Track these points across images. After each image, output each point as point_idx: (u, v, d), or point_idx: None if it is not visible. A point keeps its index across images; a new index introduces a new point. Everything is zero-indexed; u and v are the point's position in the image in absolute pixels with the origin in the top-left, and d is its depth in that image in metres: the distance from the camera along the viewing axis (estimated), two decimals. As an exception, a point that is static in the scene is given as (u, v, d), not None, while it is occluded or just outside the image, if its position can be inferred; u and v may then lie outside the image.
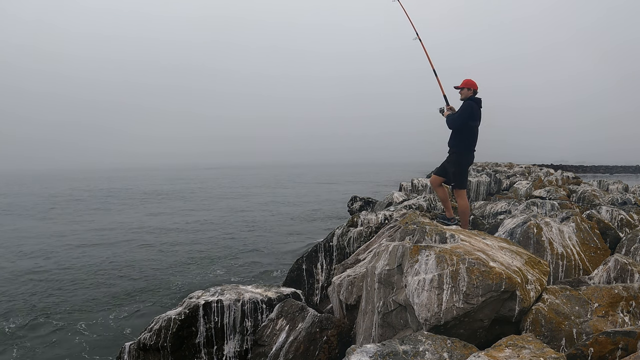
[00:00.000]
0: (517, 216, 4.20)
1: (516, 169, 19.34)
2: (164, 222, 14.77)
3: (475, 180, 10.54)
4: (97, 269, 8.35)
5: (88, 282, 7.47)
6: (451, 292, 2.10)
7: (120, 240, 11.35)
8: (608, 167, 58.18)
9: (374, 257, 2.78)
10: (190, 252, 9.86)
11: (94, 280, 7.57)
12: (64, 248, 10.41)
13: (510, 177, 13.55)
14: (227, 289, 3.40)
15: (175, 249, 10.28)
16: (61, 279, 7.70)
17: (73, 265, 8.70)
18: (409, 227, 3.19)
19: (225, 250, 10.06)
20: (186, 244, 10.83)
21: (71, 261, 9.03)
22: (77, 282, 7.52)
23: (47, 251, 10.07)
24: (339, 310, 3.14)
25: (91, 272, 8.10)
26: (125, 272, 8.07)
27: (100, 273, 8.06)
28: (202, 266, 8.54)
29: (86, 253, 9.82)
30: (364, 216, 5.03)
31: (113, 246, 10.60)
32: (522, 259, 2.47)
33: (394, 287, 2.44)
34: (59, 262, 8.92)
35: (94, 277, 7.77)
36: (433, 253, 2.28)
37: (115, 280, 7.54)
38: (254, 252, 9.72)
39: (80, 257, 9.42)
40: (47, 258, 9.33)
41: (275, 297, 3.34)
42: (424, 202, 6.73)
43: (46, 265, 8.67)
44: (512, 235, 3.65)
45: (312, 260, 4.89)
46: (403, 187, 10.79)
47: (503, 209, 6.22)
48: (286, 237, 11.74)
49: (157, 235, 12.29)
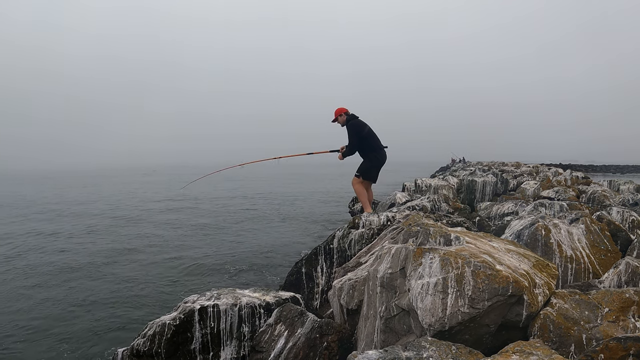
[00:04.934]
0: (525, 217, 4.20)
1: (523, 169, 19.35)
2: (157, 225, 14.78)
3: (481, 181, 10.54)
4: (86, 273, 8.35)
5: (78, 286, 7.47)
6: (456, 297, 2.11)
7: (109, 244, 11.35)
8: (619, 166, 58.20)
9: (376, 260, 2.79)
10: (184, 256, 9.86)
11: (84, 285, 7.57)
12: (50, 249, 10.42)
13: (517, 177, 13.55)
14: (224, 293, 3.41)
15: (169, 252, 10.28)
16: (45, 282, 7.71)
17: (54, 268, 8.70)
18: (412, 229, 3.19)
19: (221, 253, 10.06)
20: (180, 247, 10.84)
21: (53, 264, 9.03)
22: (65, 285, 7.52)
23: (25, 250, 10.07)
24: (340, 315, 3.14)
25: (81, 277, 8.10)
26: (117, 277, 8.07)
27: (90, 277, 8.06)
28: (197, 270, 8.54)
29: (69, 257, 9.82)
30: (366, 217, 5.03)
31: (103, 250, 10.60)
32: (529, 262, 2.47)
33: (396, 291, 2.44)
34: (43, 263, 8.92)
35: (84, 281, 7.77)
36: (437, 256, 2.28)
37: (106, 285, 7.54)
38: (251, 255, 9.72)
39: (64, 260, 9.43)
40: (24, 258, 9.34)
41: (274, 302, 3.35)
42: (427, 202, 6.73)
43: (29, 267, 8.67)
44: (520, 237, 3.65)
45: (311, 264, 4.89)
46: (406, 188, 10.78)
47: (510, 210, 6.23)
48: (285, 240, 11.74)
49: (150, 238, 12.30)
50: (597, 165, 60.12)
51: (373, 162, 6.08)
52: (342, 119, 6.11)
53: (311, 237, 11.94)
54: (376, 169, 6.13)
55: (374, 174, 6.14)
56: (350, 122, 6.02)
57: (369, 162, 6.08)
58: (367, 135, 6.00)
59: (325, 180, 43.95)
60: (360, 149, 6.04)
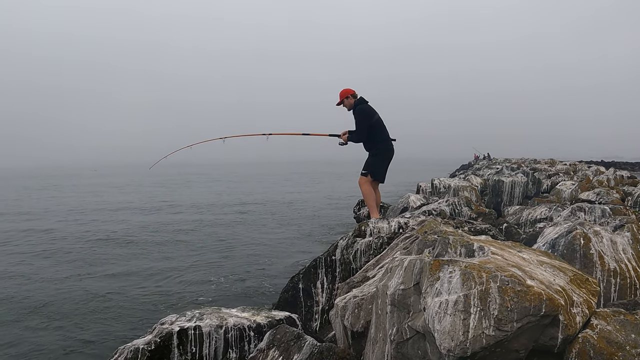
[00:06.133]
0: (560, 224, 4.20)
1: (559, 167, 19.37)
2: (128, 227, 14.80)
3: (509, 181, 10.54)
4: (38, 286, 8.34)
5: (32, 305, 7.43)
6: (480, 317, 2.10)
7: (72, 252, 11.36)
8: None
9: (386, 274, 2.78)
10: (161, 267, 9.87)
11: (40, 302, 7.54)
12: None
13: (551, 177, 13.56)
14: (207, 312, 3.40)
15: (143, 262, 10.28)
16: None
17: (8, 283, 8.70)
18: (428, 238, 3.19)
19: (205, 265, 10.06)
20: (156, 257, 10.84)
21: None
22: (17, 302, 7.50)
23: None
24: (343, 338, 3.14)
25: (37, 292, 8.08)
26: (80, 293, 8.05)
27: (46, 290, 8.05)
28: (177, 285, 8.53)
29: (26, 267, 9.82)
30: (374, 224, 5.03)
31: (64, 259, 10.60)
32: (566, 276, 2.46)
33: (410, 311, 2.44)
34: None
35: (41, 298, 7.74)
36: (458, 269, 2.28)
37: (67, 304, 7.49)
38: (239, 268, 9.72)
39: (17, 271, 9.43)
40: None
41: (266, 323, 3.34)
42: (446, 206, 6.72)
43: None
44: (554, 247, 3.64)
45: (310, 278, 4.89)
46: (421, 189, 10.78)
47: (543, 216, 6.25)
48: (280, 249, 11.75)
49: (118, 244, 12.30)
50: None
51: (382, 154, 6.09)
52: (348, 102, 6.10)
53: (310, 246, 11.95)
54: (385, 165, 6.16)
55: (382, 171, 6.16)
56: (359, 107, 6.02)
57: (377, 157, 6.08)
58: (376, 124, 6.00)
59: (326, 180, 44.01)
60: (368, 138, 6.05)
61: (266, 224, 16.00)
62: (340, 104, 6.16)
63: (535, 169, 17.02)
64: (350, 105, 6.10)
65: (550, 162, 24.87)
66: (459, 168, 45.13)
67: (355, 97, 6.10)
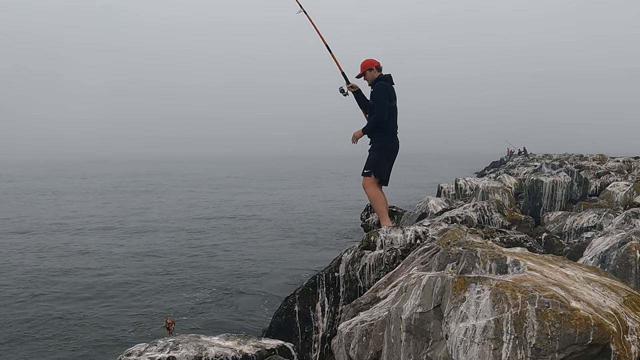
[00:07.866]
0: (612, 233, 4.21)
1: (610, 164, 19.37)
2: (94, 236, 14.80)
3: (550, 181, 10.55)
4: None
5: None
6: (514, 346, 2.10)
7: (18, 267, 11.36)
8: None
9: (400, 295, 2.79)
10: (131, 282, 9.87)
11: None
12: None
13: (601, 176, 13.56)
14: (183, 341, 3.40)
15: (106, 278, 10.27)
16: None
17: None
18: (451, 250, 3.19)
19: (181, 281, 10.06)
20: (125, 272, 10.83)
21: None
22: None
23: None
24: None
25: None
26: (29, 313, 8.05)
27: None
28: (148, 305, 8.54)
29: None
30: (385, 234, 5.03)
31: (10, 275, 10.60)
32: (618, 297, 2.47)
33: (429, 339, 2.44)
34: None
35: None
36: (487, 288, 2.28)
37: (13, 325, 7.50)
38: (224, 285, 9.73)
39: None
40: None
41: (255, 354, 3.35)
42: (473, 212, 6.73)
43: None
44: (604, 261, 3.65)
45: (308, 299, 4.89)
46: (443, 191, 10.79)
47: (591, 223, 6.25)
48: (273, 262, 11.75)
49: (72, 255, 12.28)
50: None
51: (385, 149, 6.00)
52: (371, 75, 5.96)
53: (307, 261, 11.95)
54: (389, 164, 6.06)
55: (387, 168, 6.04)
56: (380, 82, 5.89)
57: (379, 152, 5.98)
58: (390, 111, 5.89)
59: (326, 180, 44.05)
60: (380, 123, 5.88)
61: (258, 231, 16.00)
62: (362, 76, 6.02)
63: (582, 166, 17.02)
64: (373, 78, 5.95)
65: (599, 158, 24.86)
66: (488, 166, 45.16)
67: (379, 70, 5.97)
